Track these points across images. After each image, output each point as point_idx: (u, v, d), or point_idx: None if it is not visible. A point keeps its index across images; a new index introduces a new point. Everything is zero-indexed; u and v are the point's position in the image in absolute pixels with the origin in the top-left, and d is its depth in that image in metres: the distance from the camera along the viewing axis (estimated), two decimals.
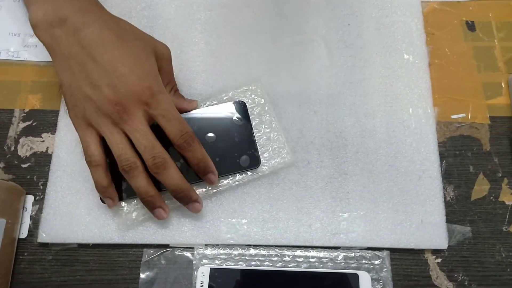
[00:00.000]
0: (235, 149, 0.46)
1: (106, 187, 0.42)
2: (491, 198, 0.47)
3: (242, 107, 0.47)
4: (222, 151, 0.46)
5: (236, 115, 0.47)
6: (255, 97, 0.49)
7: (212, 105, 0.48)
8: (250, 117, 0.47)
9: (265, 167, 0.46)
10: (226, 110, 0.47)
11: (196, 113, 0.47)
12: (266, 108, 0.48)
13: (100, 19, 0.41)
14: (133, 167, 0.40)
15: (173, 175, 0.41)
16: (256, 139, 0.47)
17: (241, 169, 0.45)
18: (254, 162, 0.46)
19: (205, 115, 0.47)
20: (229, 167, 0.45)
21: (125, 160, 0.40)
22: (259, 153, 0.46)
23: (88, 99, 0.39)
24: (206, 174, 0.44)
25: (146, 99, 0.40)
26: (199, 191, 0.45)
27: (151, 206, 0.43)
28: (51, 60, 0.42)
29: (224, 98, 0.49)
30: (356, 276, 0.43)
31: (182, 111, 0.46)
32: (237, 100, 0.48)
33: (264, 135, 0.48)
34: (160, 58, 0.44)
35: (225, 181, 0.46)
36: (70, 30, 0.40)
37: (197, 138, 0.42)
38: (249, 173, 0.46)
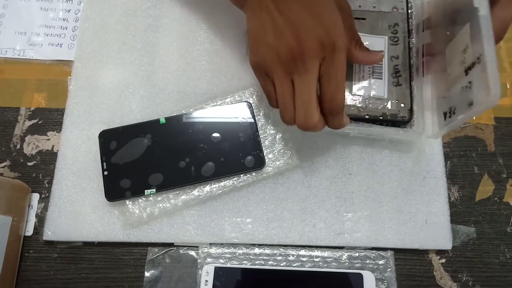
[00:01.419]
0: (240, 149, 0.46)
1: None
2: (496, 199, 0.47)
3: (248, 108, 0.48)
4: (227, 151, 0.46)
5: (242, 116, 0.47)
6: (261, 98, 0.49)
7: (218, 105, 0.48)
8: (256, 118, 0.47)
9: (269, 168, 0.46)
10: (232, 111, 0.48)
11: (202, 113, 0.47)
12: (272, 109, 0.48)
13: None
14: (289, 123, 0.41)
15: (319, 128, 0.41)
16: (262, 140, 0.47)
17: (245, 170, 0.46)
18: (259, 163, 0.46)
19: (211, 115, 0.47)
20: (234, 167, 0.46)
21: (285, 112, 0.41)
22: (264, 154, 0.46)
23: (269, 47, 0.40)
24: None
25: (326, 53, 0.39)
26: (203, 191, 0.45)
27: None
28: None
29: (230, 99, 0.49)
30: (360, 276, 0.43)
31: (369, 63, 0.46)
32: (243, 100, 0.48)
33: (270, 136, 0.48)
34: (341, 10, 0.41)
35: (230, 182, 0.46)
36: None
37: (344, 112, 0.41)
38: (253, 173, 0.46)
